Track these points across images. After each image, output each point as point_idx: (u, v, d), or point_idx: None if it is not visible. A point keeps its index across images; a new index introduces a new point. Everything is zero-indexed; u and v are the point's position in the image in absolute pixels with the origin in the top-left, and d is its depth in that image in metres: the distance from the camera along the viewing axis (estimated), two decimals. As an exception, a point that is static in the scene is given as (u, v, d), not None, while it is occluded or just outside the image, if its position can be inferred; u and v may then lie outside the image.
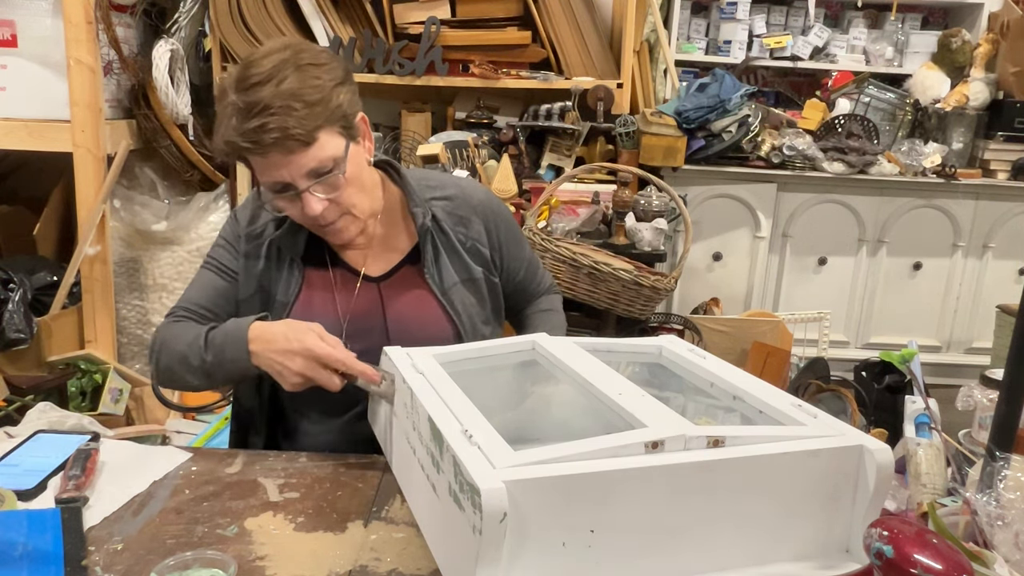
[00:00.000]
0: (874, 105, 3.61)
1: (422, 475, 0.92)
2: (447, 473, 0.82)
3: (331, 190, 1.20)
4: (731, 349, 2.89)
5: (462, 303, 1.33)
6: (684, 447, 0.82)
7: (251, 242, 1.33)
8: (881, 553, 0.76)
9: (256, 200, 1.35)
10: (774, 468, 0.84)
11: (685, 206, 2.54)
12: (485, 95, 3.11)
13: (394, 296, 1.33)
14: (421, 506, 0.96)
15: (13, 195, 3.06)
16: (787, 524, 0.87)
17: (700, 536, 0.83)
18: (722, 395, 1.06)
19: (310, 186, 1.18)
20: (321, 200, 1.19)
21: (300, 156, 1.15)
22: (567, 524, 0.78)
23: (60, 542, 0.92)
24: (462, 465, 0.77)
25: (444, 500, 0.83)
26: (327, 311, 1.30)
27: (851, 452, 0.87)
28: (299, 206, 1.20)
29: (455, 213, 1.36)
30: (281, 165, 1.16)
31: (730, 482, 0.83)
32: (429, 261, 1.32)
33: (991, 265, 3.50)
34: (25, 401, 2.24)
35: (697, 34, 3.90)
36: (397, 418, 1.06)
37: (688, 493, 0.81)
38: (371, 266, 1.34)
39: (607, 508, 0.79)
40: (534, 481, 0.75)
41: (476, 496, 0.73)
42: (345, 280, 1.33)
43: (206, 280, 1.33)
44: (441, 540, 0.88)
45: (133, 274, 2.92)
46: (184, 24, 2.94)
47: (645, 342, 1.26)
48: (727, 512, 0.84)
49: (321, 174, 1.18)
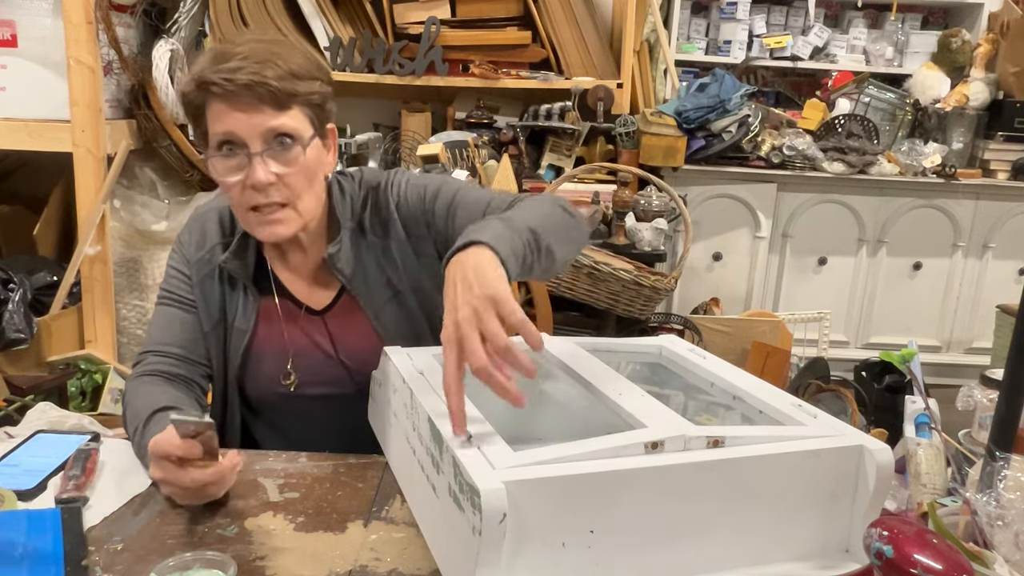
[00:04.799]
0: (874, 105, 3.61)
1: (422, 475, 0.92)
2: (447, 474, 0.82)
3: (284, 165, 1.12)
4: (731, 349, 2.89)
5: (394, 326, 1.25)
6: (684, 447, 0.82)
7: (202, 268, 1.26)
8: (881, 553, 0.76)
9: (195, 225, 1.28)
10: (774, 468, 0.84)
11: (685, 206, 2.54)
12: (485, 95, 3.11)
13: (341, 329, 1.26)
14: (421, 506, 0.96)
15: (13, 195, 3.06)
16: (786, 524, 0.87)
17: (699, 536, 0.83)
18: (722, 395, 1.06)
19: (264, 151, 1.10)
20: (269, 172, 1.10)
21: (266, 114, 1.09)
22: (567, 524, 0.78)
23: (60, 542, 0.92)
24: (461, 466, 0.77)
25: (444, 501, 0.83)
26: (277, 343, 1.25)
27: (851, 452, 0.87)
28: (243, 172, 1.11)
29: (378, 216, 1.27)
30: (243, 116, 1.08)
31: (730, 482, 0.83)
32: (360, 289, 1.24)
33: (991, 265, 3.50)
34: (25, 401, 2.24)
35: (697, 34, 3.90)
36: (397, 419, 1.06)
37: (688, 493, 0.81)
38: (313, 297, 1.27)
39: (607, 508, 0.79)
40: (534, 482, 0.75)
41: (476, 497, 0.73)
42: (289, 312, 1.26)
43: (168, 317, 1.25)
44: (441, 540, 0.88)
45: (133, 274, 2.92)
46: (184, 24, 2.94)
47: (645, 342, 1.26)
48: (727, 512, 0.84)
49: (280, 140, 1.11)
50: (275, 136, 1.11)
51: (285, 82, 1.09)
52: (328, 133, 1.20)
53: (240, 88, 1.07)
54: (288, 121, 1.11)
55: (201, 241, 1.27)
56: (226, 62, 1.08)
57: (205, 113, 1.11)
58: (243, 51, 1.09)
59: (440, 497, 0.85)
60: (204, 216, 1.30)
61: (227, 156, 1.11)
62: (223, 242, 1.25)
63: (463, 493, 0.77)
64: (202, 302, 1.25)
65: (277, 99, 1.09)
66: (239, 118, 1.09)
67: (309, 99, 1.13)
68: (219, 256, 1.25)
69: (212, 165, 1.13)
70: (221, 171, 1.13)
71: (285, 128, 1.11)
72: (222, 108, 1.09)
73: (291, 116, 1.11)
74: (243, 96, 1.08)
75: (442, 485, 0.84)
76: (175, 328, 1.25)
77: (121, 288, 2.89)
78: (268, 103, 1.09)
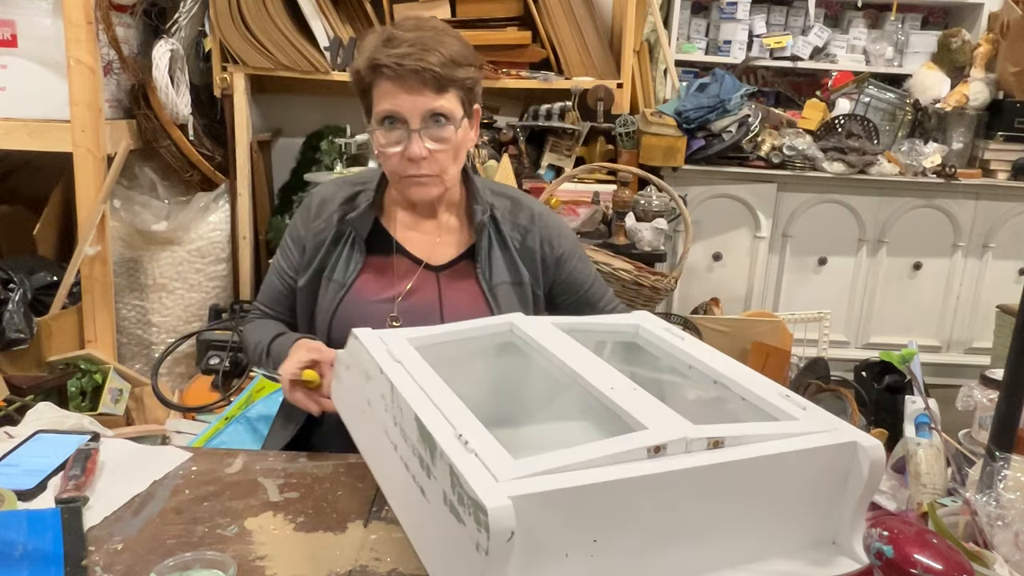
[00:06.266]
0: (874, 105, 3.61)
1: (406, 475, 0.89)
2: (440, 480, 0.79)
3: (437, 141, 1.28)
4: (731, 349, 2.89)
5: (507, 303, 1.38)
6: (685, 450, 0.81)
7: (318, 235, 1.41)
8: (881, 553, 0.76)
9: (315, 200, 1.44)
10: (774, 467, 0.84)
11: (685, 206, 2.54)
12: (485, 95, 3.09)
13: (450, 285, 1.39)
14: (404, 504, 0.92)
15: (13, 195, 3.06)
16: (780, 520, 0.87)
17: (698, 536, 0.83)
18: (702, 379, 1.04)
19: (422, 128, 1.26)
20: (424, 147, 1.26)
21: (428, 96, 1.24)
22: (571, 535, 0.76)
23: (60, 542, 0.92)
24: (461, 477, 0.74)
25: (437, 508, 0.80)
26: (382, 293, 1.38)
27: (846, 449, 0.87)
28: (401, 145, 1.27)
29: (514, 219, 1.43)
30: (407, 96, 1.24)
31: (730, 483, 0.83)
32: (483, 257, 1.39)
33: (991, 265, 3.50)
34: (25, 401, 2.24)
35: (697, 34, 3.90)
36: (372, 408, 1.00)
37: (690, 496, 0.81)
38: (432, 256, 1.41)
39: (611, 516, 0.78)
40: (541, 495, 0.73)
41: (481, 514, 0.70)
42: (406, 268, 1.40)
43: (269, 285, 1.48)
44: (433, 548, 0.85)
45: (133, 274, 2.92)
46: (184, 24, 2.94)
47: (620, 320, 1.23)
48: (725, 511, 0.84)
49: (437, 120, 1.26)
50: (432, 115, 1.26)
51: (446, 68, 1.24)
52: (474, 113, 1.36)
53: (408, 72, 1.23)
54: (445, 103, 1.27)
55: (319, 212, 1.42)
56: (396, 47, 1.23)
57: (372, 90, 1.28)
58: (410, 38, 1.24)
59: (432, 503, 0.82)
60: (327, 193, 1.45)
61: (389, 129, 1.28)
62: (342, 210, 1.41)
63: (463, 506, 0.74)
64: (304, 263, 1.42)
65: (439, 83, 1.24)
66: (404, 98, 1.25)
67: (464, 83, 1.29)
68: (334, 222, 1.40)
69: (375, 136, 1.30)
70: (383, 142, 1.29)
71: (442, 109, 1.27)
72: (389, 87, 1.25)
73: (447, 99, 1.27)
74: (409, 79, 1.23)
75: (434, 491, 0.81)
76: (272, 295, 1.48)
77: (121, 288, 2.89)
78: (430, 86, 1.24)
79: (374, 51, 1.25)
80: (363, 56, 1.27)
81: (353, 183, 1.45)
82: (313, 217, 1.43)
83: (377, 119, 1.29)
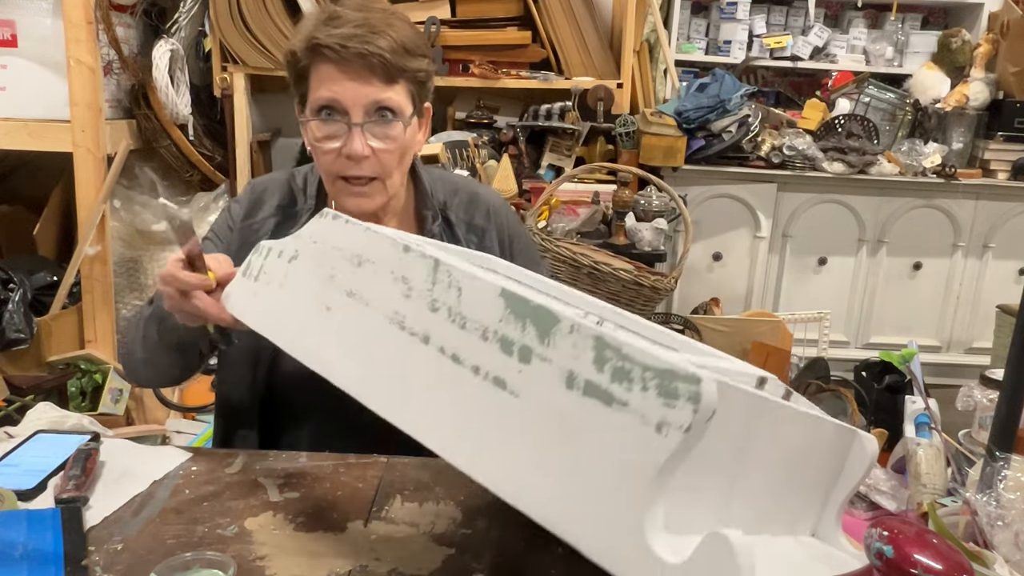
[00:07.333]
0: (874, 105, 3.61)
1: (458, 371, 0.71)
2: (561, 361, 0.64)
3: (381, 139, 1.12)
4: (731, 349, 2.88)
5: None
6: (756, 385, 0.77)
7: (246, 235, 1.22)
8: (881, 553, 0.76)
9: (248, 194, 1.27)
10: (802, 428, 0.80)
11: (685, 206, 2.54)
12: (485, 95, 3.11)
13: None
14: (448, 411, 0.73)
15: (13, 195, 3.05)
16: (776, 495, 0.82)
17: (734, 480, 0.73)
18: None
19: (365, 123, 1.10)
20: (366, 145, 1.11)
21: (374, 85, 1.09)
22: (718, 448, 0.66)
23: (60, 542, 0.92)
24: (628, 347, 0.60)
25: (545, 398, 0.65)
26: None
27: (847, 433, 0.87)
28: (340, 140, 1.11)
29: (470, 220, 1.29)
30: (350, 84, 1.08)
31: (772, 431, 0.75)
32: None
33: (991, 265, 3.50)
34: (25, 401, 2.24)
35: (697, 34, 3.90)
36: (355, 297, 0.83)
37: (750, 436, 0.72)
38: None
39: (741, 438, 0.70)
40: (722, 387, 0.60)
41: (681, 383, 0.57)
42: None
43: None
44: (526, 453, 0.66)
45: (133, 274, 2.92)
46: (184, 24, 2.94)
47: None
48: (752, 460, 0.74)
49: (383, 115, 1.11)
50: (377, 109, 1.10)
51: (397, 56, 1.08)
52: (424, 112, 1.20)
53: (352, 56, 1.06)
54: (393, 95, 1.11)
55: (251, 210, 1.26)
56: (339, 27, 1.07)
57: (309, 75, 1.11)
58: (356, 17, 1.08)
59: (529, 395, 0.66)
60: (261, 186, 1.28)
61: (325, 121, 1.11)
62: (277, 214, 1.24)
63: (628, 381, 0.60)
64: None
65: (387, 72, 1.08)
66: (346, 86, 1.08)
67: (416, 75, 1.13)
68: (269, 228, 1.22)
69: (308, 128, 1.13)
70: (317, 136, 1.12)
71: (390, 102, 1.11)
72: (329, 72, 1.08)
73: (396, 91, 1.11)
74: (353, 63, 1.07)
75: (540, 378, 0.65)
76: None
77: (121, 288, 2.89)
78: (377, 74, 1.08)
79: (314, 29, 1.08)
80: (301, 35, 1.10)
81: (292, 182, 1.27)
82: (246, 214, 1.25)
83: (313, 108, 1.11)
